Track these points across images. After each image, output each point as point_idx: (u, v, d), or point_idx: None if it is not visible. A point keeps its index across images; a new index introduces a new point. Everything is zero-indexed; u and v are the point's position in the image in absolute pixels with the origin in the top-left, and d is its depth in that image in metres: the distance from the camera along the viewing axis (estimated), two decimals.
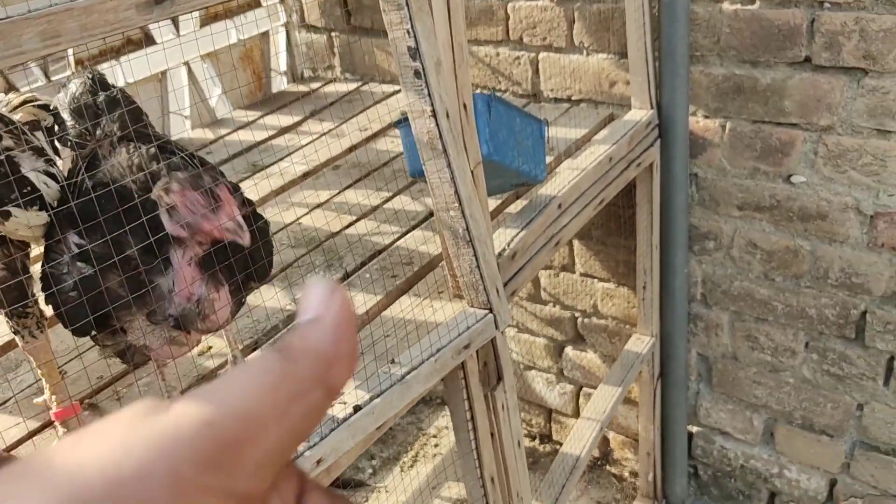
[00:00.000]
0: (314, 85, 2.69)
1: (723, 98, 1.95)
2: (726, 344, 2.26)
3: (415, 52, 1.16)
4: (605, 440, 2.74)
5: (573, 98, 2.21)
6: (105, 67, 2.13)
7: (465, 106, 1.28)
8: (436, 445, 2.89)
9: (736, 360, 2.26)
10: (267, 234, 1.11)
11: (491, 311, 1.32)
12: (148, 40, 2.21)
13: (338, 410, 1.10)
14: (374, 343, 1.29)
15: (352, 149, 2.14)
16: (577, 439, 1.97)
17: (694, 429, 2.46)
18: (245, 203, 1.08)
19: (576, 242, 2.44)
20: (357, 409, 1.10)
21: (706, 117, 2.00)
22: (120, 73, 2.22)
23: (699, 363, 2.35)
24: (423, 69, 1.16)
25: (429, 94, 1.17)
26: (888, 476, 2.11)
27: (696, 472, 2.52)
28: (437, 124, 1.19)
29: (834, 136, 1.83)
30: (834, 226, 1.91)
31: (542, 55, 2.20)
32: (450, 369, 1.26)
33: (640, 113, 1.98)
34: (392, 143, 2.12)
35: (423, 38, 1.15)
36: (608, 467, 2.75)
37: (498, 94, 2.34)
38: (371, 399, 1.12)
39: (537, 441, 2.91)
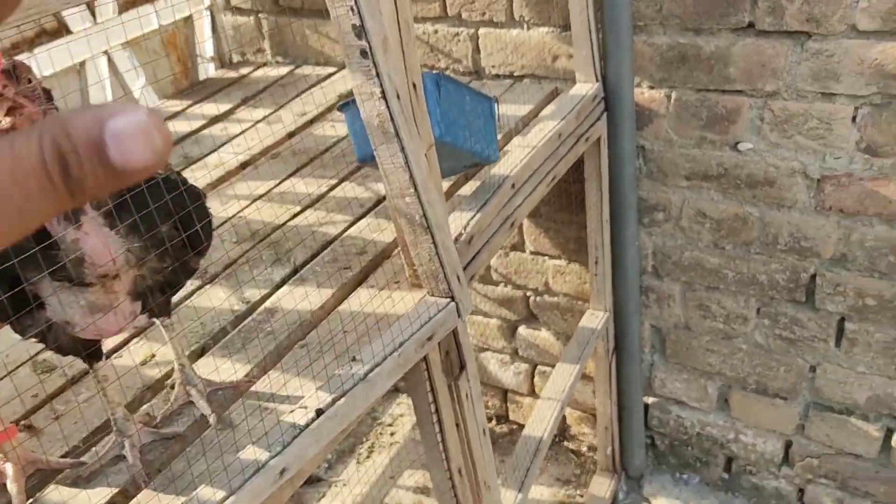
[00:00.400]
0: (244, 70, 2.58)
1: (667, 68, 1.92)
2: (679, 314, 2.26)
3: (360, 31, 1.08)
4: (563, 417, 2.73)
5: (516, 74, 2.16)
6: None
7: (414, 85, 1.22)
8: (392, 434, 2.83)
9: (689, 329, 2.27)
10: (177, 185, 0.99)
11: (453, 299, 1.27)
12: (63, 30, 2.07)
13: (299, 416, 1.03)
14: (334, 340, 1.23)
15: (290, 135, 2.05)
16: (539, 420, 1.95)
17: (650, 400, 2.47)
18: None
19: (525, 221, 2.40)
20: (320, 412, 1.04)
21: (651, 88, 1.98)
22: (35, 65, 2.07)
23: (653, 335, 2.35)
24: (370, 48, 1.09)
25: (377, 75, 1.10)
26: (842, 435, 2.14)
27: (654, 443, 2.53)
28: (388, 106, 1.12)
29: (780, 102, 1.82)
30: (782, 191, 1.92)
31: (482, 31, 2.15)
32: (413, 363, 1.21)
33: (585, 87, 1.94)
34: (332, 128, 2.04)
35: (367, 14, 1.08)
36: (566, 443, 2.75)
37: (441, 72, 2.28)
38: (334, 401, 1.05)
39: (494, 422, 2.88)
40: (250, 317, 1.33)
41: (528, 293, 2.53)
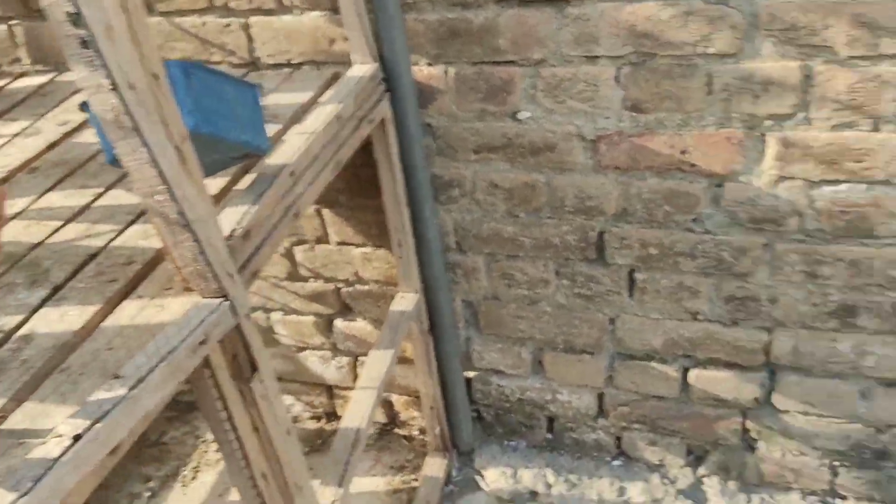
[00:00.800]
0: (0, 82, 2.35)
1: (441, 44, 1.93)
2: (486, 286, 2.30)
3: (76, 18, 0.99)
4: (390, 404, 2.72)
5: (293, 62, 2.09)
6: None
7: (155, 76, 1.13)
8: (217, 450, 2.70)
9: (497, 299, 2.31)
10: None
11: (226, 298, 1.20)
12: None
13: (53, 447, 0.93)
14: (97, 360, 1.12)
15: (51, 146, 1.88)
16: (356, 411, 1.91)
17: (471, 374, 2.50)
18: None
19: (325, 212, 2.35)
20: (77, 438, 0.94)
21: (430, 65, 1.98)
22: None
23: (465, 310, 2.38)
24: (92, 36, 1.00)
25: (103, 65, 1.01)
26: (646, 379, 2.26)
27: (480, 416, 2.57)
28: (122, 98, 1.03)
29: (549, 69, 1.88)
30: (562, 155, 1.98)
31: (252, 19, 2.06)
32: (188, 371, 1.13)
33: (363, 68, 1.91)
34: (97, 136, 1.89)
35: (83, 0, 0.98)
36: (397, 430, 2.74)
37: (213, 66, 2.17)
38: (93, 424, 0.96)
39: (324, 420, 2.82)
40: (4, 346, 1.20)
41: (339, 285, 2.48)
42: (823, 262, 1.88)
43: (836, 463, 2.18)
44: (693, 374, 2.20)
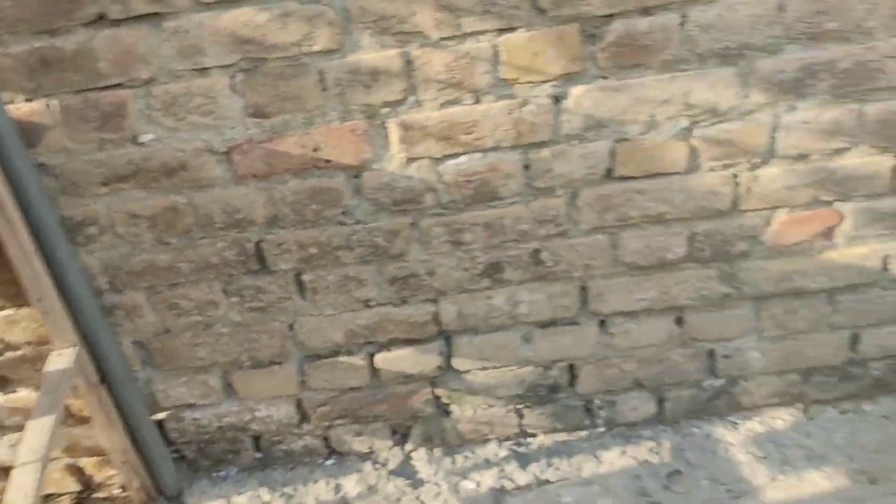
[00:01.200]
0: None
1: (34, 76, 1.77)
2: (154, 321, 2.17)
3: None
4: (80, 470, 2.47)
5: None
6: None
7: None
8: None
9: (169, 332, 2.19)
10: None
11: None
12: None
13: None
14: None
15: None
16: (18, 491, 1.70)
17: (161, 415, 2.35)
18: None
19: None
20: None
21: (28, 100, 1.81)
22: None
23: (137, 350, 2.23)
24: None
25: None
26: (338, 374, 2.29)
27: (182, 455, 2.44)
28: None
29: (160, 87, 1.80)
30: (197, 172, 1.92)
31: None
32: None
33: None
34: None
35: None
36: (96, 495, 2.50)
37: None
38: None
39: None
40: None
41: None
42: (463, 230, 2.02)
43: (520, 406, 2.38)
44: (379, 358, 2.27)
